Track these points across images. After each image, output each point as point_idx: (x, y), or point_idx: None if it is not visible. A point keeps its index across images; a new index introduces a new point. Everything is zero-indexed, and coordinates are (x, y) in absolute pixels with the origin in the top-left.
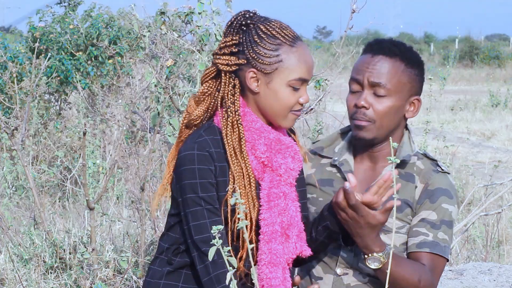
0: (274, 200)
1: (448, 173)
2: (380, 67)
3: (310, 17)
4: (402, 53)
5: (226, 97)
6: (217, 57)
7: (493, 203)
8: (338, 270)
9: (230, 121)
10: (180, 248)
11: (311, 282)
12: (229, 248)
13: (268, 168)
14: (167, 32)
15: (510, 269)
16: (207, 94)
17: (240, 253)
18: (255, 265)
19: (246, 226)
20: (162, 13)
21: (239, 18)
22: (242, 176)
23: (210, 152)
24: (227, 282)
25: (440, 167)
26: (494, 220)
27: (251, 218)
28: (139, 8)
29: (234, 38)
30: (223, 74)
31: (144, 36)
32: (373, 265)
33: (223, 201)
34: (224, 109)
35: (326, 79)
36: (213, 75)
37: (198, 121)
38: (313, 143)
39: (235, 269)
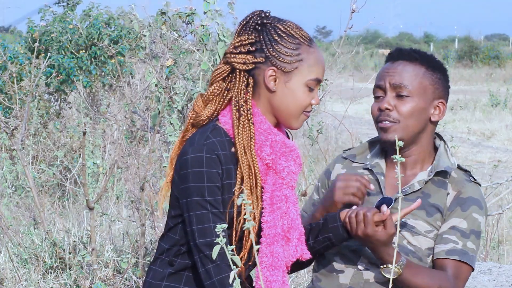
0: (277, 203)
1: (480, 185)
2: (401, 70)
3: (310, 17)
4: (422, 57)
5: (239, 95)
6: (233, 56)
7: (493, 203)
8: (360, 265)
9: (242, 120)
10: (181, 249)
11: (330, 275)
12: (233, 247)
13: (271, 171)
14: (168, 32)
15: (509, 269)
16: (216, 94)
17: (241, 253)
18: (255, 266)
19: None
20: (163, 13)
21: (255, 17)
22: (249, 176)
23: (218, 155)
24: (230, 281)
25: (473, 177)
26: (494, 220)
27: (254, 219)
28: (139, 8)
29: (250, 37)
30: (237, 73)
31: (145, 35)
32: (388, 275)
33: (229, 202)
34: (235, 108)
35: (326, 79)
36: (225, 74)
37: (206, 121)
38: (344, 151)
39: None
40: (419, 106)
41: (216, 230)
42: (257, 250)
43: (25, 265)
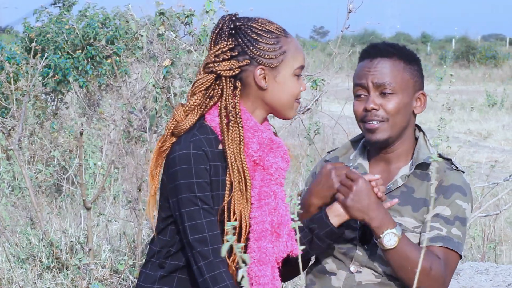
0: (265, 199)
1: (463, 172)
2: (381, 68)
3: (307, 17)
4: (399, 52)
5: (227, 101)
6: (216, 64)
7: (491, 203)
8: (352, 268)
9: (232, 125)
10: (171, 250)
11: (323, 277)
12: (234, 237)
13: (259, 167)
14: (165, 32)
15: (506, 269)
16: (198, 104)
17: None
18: (243, 263)
19: (244, 226)
20: (162, 13)
21: (226, 23)
22: (239, 181)
23: (205, 151)
24: (238, 279)
25: (455, 165)
26: (491, 220)
27: (245, 220)
28: (136, 8)
29: (228, 42)
30: (224, 80)
31: (142, 36)
32: (389, 243)
33: (224, 202)
34: (224, 114)
35: (322, 79)
36: (208, 84)
37: (187, 130)
38: (328, 152)
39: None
40: (404, 102)
41: (226, 228)
42: (246, 247)
43: (22, 265)
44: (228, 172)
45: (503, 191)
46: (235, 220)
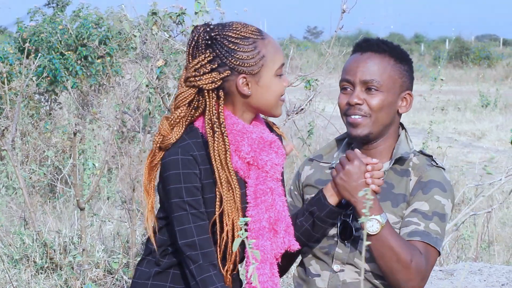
0: (261, 197)
1: (443, 169)
2: (370, 64)
3: (301, 17)
4: (391, 49)
5: (211, 113)
6: (197, 78)
7: (484, 203)
8: (335, 267)
9: (217, 136)
10: (168, 249)
11: (309, 280)
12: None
13: (253, 167)
14: (158, 32)
15: (500, 269)
16: (182, 117)
17: (227, 265)
18: (240, 263)
19: (227, 230)
20: (154, 13)
21: (202, 34)
22: (228, 190)
23: (194, 155)
24: (248, 275)
25: (435, 161)
26: (485, 220)
27: (237, 229)
28: (129, 8)
29: (207, 55)
30: (206, 93)
31: (135, 36)
32: (371, 229)
33: (215, 216)
34: (209, 126)
35: (316, 79)
36: (191, 98)
37: (174, 143)
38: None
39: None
40: (388, 100)
41: (239, 223)
42: (243, 246)
43: (15, 266)
44: (217, 187)
45: (495, 190)
46: (228, 230)
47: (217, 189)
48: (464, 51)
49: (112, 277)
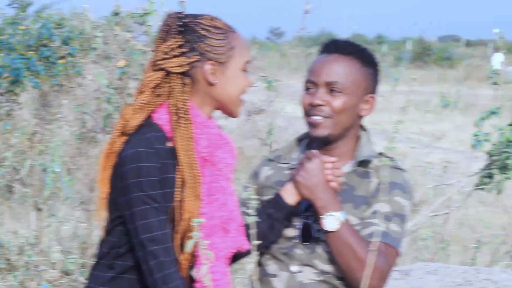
0: (214, 194)
1: (404, 170)
2: (336, 66)
3: (264, 18)
4: (358, 52)
5: (176, 98)
6: (166, 61)
7: (442, 204)
8: (293, 268)
9: (182, 122)
10: (120, 251)
11: (265, 280)
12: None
13: (208, 163)
14: (120, 32)
15: (456, 270)
16: (146, 102)
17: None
18: (206, 260)
19: (187, 218)
20: (116, 14)
21: (174, 20)
22: (191, 176)
23: (156, 148)
24: (202, 275)
25: (395, 163)
26: (442, 220)
27: (196, 217)
28: (92, 8)
29: (178, 40)
30: (173, 77)
31: (97, 36)
32: (329, 225)
33: (175, 200)
34: (174, 111)
35: (277, 80)
36: (158, 82)
37: (134, 130)
38: (270, 152)
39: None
40: (351, 102)
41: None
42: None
43: None
44: (178, 170)
45: (454, 192)
46: (187, 218)
47: (178, 174)
48: (426, 52)
49: (69, 278)
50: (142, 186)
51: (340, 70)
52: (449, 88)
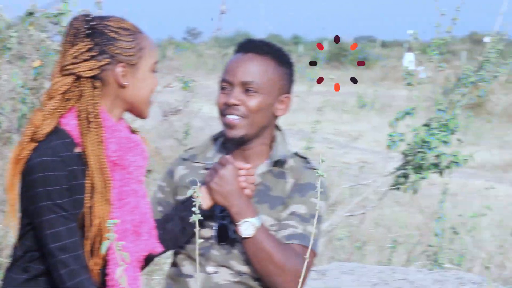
0: (125, 198)
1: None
2: (251, 65)
3: (181, 19)
4: (273, 52)
5: (86, 102)
6: (76, 66)
7: (358, 204)
8: (209, 269)
9: (93, 126)
10: (35, 255)
11: (181, 280)
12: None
13: (117, 167)
14: (35, 32)
15: (372, 269)
16: (56, 108)
17: (93, 259)
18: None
19: (97, 224)
20: (31, 13)
21: (80, 24)
22: (101, 181)
23: (63, 156)
24: (117, 277)
25: (311, 163)
26: (358, 220)
27: (104, 217)
28: (5, 8)
29: (86, 44)
30: (83, 81)
31: (11, 36)
32: (245, 232)
33: (85, 206)
34: (84, 116)
35: (194, 80)
36: (67, 87)
37: (44, 137)
38: (185, 150)
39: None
40: (266, 102)
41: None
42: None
43: None
44: (88, 175)
45: (369, 192)
46: (97, 223)
47: (87, 179)
48: (342, 53)
49: None
50: (50, 195)
51: (256, 69)
52: (366, 88)
